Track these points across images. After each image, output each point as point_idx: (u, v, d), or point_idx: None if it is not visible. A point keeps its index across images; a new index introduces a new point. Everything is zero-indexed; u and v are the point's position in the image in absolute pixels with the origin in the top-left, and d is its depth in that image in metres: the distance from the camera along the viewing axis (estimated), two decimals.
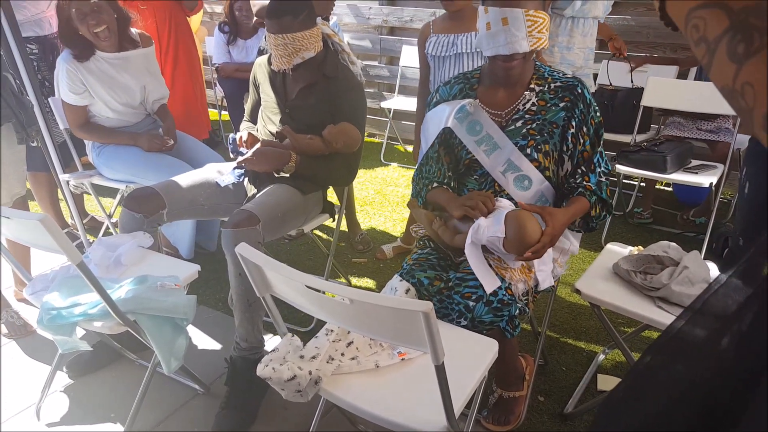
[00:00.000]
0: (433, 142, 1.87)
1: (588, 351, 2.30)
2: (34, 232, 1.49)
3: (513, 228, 1.57)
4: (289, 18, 2.05)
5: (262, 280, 1.35)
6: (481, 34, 1.69)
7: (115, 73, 2.59)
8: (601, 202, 1.78)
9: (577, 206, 1.74)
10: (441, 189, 1.86)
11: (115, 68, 2.59)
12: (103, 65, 2.57)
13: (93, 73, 2.54)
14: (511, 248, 1.58)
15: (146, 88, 2.71)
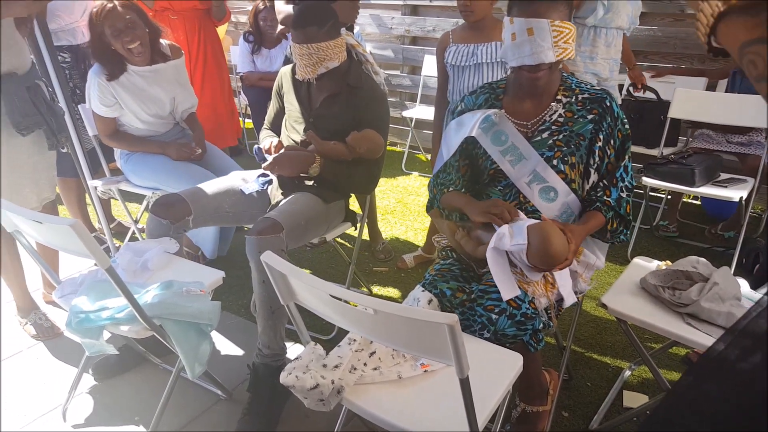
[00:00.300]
0: (455, 151, 1.86)
1: (613, 366, 2.27)
2: (64, 237, 1.51)
3: (537, 239, 1.56)
4: (315, 28, 2.07)
5: (287, 288, 1.35)
6: (507, 44, 1.68)
7: (146, 85, 2.63)
8: (619, 217, 1.77)
9: (593, 222, 1.73)
10: (458, 192, 1.87)
11: (146, 81, 2.63)
12: (135, 78, 2.61)
13: (124, 86, 2.59)
14: (534, 259, 1.57)
15: (176, 99, 2.75)
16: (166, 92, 2.68)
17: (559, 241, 1.56)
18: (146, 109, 2.66)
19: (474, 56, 2.46)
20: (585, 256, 1.75)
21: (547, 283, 1.64)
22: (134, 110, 2.64)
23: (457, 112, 1.91)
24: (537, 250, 1.55)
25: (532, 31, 1.60)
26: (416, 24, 4.68)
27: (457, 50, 2.50)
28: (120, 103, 2.61)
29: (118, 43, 2.46)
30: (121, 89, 2.58)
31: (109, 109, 2.60)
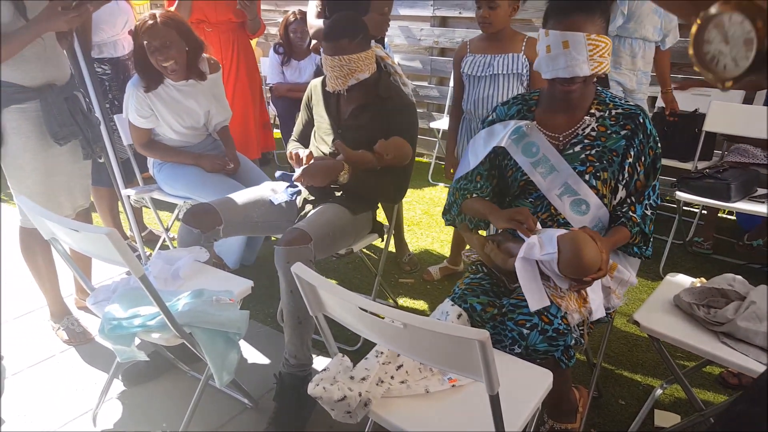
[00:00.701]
0: (483, 160, 1.85)
1: (644, 385, 2.22)
2: (99, 245, 1.54)
3: (569, 248, 1.53)
4: (346, 40, 2.10)
5: (316, 300, 1.35)
6: (541, 56, 1.68)
7: (181, 98, 2.67)
8: (642, 233, 1.74)
9: (619, 236, 1.71)
10: (481, 199, 1.87)
11: (182, 94, 2.67)
12: (171, 91, 2.65)
13: (160, 98, 2.63)
14: (566, 269, 1.55)
15: (210, 112, 2.79)
16: (201, 106, 2.72)
17: (591, 250, 1.53)
18: (181, 121, 2.70)
19: (490, 67, 2.47)
20: (618, 272, 1.73)
21: (580, 298, 1.61)
22: (169, 122, 2.68)
23: (488, 122, 1.91)
24: (569, 260, 1.53)
25: (568, 44, 1.60)
26: (445, 35, 4.69)
27: (474, 60, 2.52)
28: (156, 115, 2.65)
29: (153, 59, 2.51)
30: (158, 101, 2.63)
31: (146, 120, 2.66)
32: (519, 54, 2.44)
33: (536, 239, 1.59)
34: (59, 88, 2.18)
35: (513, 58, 2.44)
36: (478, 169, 1.89)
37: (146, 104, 2.62)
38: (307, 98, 2.44)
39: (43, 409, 2.10)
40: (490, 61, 2.47)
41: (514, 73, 2.45)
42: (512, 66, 2.44)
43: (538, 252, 1.57)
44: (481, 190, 1.90)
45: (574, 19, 1.60)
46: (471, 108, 2.59)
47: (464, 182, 1.92)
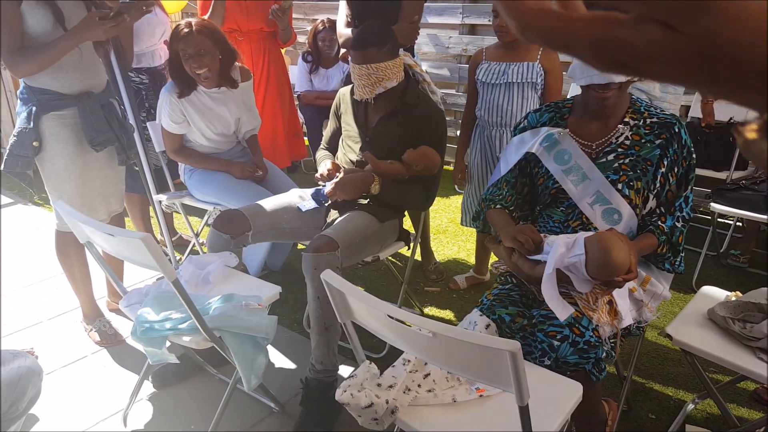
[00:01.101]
0: (513, 167, 1.84)
1: (675, 399, 2.17)
2: (134, 249, 1.58)
3: (597, 249, 1.51)
4: (374, 49, 2.11)
5: (344, 307, 1.36)
6: (575, 63, 1.68)
7: (213, 105, 2.71)
8: (670, 244, 1.71)
9: (646, 242, 1.68)
10: (501, 211, 1.86)
11: (214, 101, 2.71)
12: (203, 98, 2.70)
13: (193, 104, 2.68)
14: (594, 270, 1.51)
15: (240, 120, 2.83)
16: (231, 113, 2.76)
17: (620, 250, 1.50)
18: (212, 127, 2.75)
19: (505, 75, 2.48)
20: (652, 285, 1.70)
21: (612, 311, 1.59)
22: (201, 128, 2.73)
23: (519, 129, 1.90)
24: (597, 261, 1.50)
25: None
26: (474, 43, 4.68)
27: (489, 68, 2.52)
28: (188, 121, 2.70)
29: (187, 66, 2.56)
30: (190, 107, 2.67)
31: (178, 126, 2.71)
32: (534, 63, 2.45)
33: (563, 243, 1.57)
34: (96, 96, 2.24)
35: (528, 67, 2.45)
36: (506, 176, 1.88)
37: (179, 110, 2.67)
38: (335, 106, 2.46)
39: (74, 409, 2.14)
40: (504, 69, 2.48)
41: (528, 82, 2.46)
42: (527, 75, 2.45)
43: (566, 256, 1.55)
44: (506, 199, 1.89)
45: None
46: (485, 115, 2.59)
47: (492, 189, 1.92)
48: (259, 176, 2.79)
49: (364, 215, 2.18)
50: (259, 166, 2.81)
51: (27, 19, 2.02)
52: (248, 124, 2.86)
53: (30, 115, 2.13)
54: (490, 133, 2.60)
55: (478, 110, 2.63)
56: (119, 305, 1.97)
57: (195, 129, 2.73)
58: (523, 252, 1.63)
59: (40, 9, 2.02)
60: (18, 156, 2.14)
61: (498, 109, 2.53)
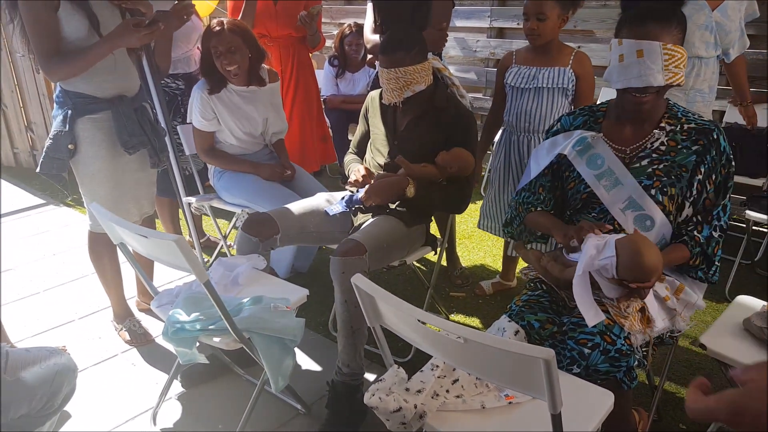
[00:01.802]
0: (546, 171, 1.83)
1: None
2: (166, 251, 1.60)
3: (628, 251, 1.50)
4: (402, 53, 2.12)
5: (374, 310, 1.36)
6: (612, 66, 1.64)
7: (242, 103, 2.78)
8: (704, 255, 1.67)
9: (676, 254, 1.66)
10: (546, 213, 1.85)
11: (243, 100, 2.78)
12: (233, 96, 2.76)
13: (223, 102, 2.75)
14: (625, 272, 1.51)
15: (268, 121, 2.88)
16: (259, 113, 2.82)
17: (652, 253, 1.50)
18: (241, 126, 2.80)
19: (535, 79, 2.43)
20: (685, 294, 1.66)
21: (644, 319, 1.57)
22: (230, 126, 2.78)
23: (551, 132, 1.88)
24: (628, 263, 1.49)
25: (642, 53, 1.56)
26: (502, 46, 4.65)
27: (519, 72, 2.48)
28: (218, 118, 2.76)
29: (218, 62, 2.65)
30: (220, 104, 2.74)
31: (208, 123, 2.76)
32: (566, 68, 2.39)
33: (593, 246, 1.55)
34: (129, 100, 2.28)
35: (559, 72, 2.40)
36: (541, 180, 1.87)
37: (209, 107, 2.73)
38: (365, 109, 2.47)
39: (105, 406, 2.18)
40: (535, 74, 2.44)
41: (559, 88, 2.40)
42: (558, 80, 2.40)
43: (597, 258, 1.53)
44: (545, 203, 1.88)
45: (650, 28, 1.57)
46: (513, 120, 2.55)
47: (526, 194, 1.90)
48: (288, 176, 2.83)
49: (391, 220, 2.18)
50: (286, 167, 2.84)
51: (63, 25, 2.07)
52: (275, 125, 2.91)
53: (65, 119, 2.17)
54: (517, 138, 2.56)
55: (506, 115, 2.59)
56: (150, 306, 1.99)
57: (224, 127, 2.78)
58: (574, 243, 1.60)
59: (76, 15, 2.07)
60: (53, 158, 2.19)
61: (526, 114, 2.48)
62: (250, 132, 2.84)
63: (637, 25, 1.58)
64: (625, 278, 1.51)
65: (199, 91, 2.75)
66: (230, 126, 2.78)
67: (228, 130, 2.80)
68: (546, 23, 2.32)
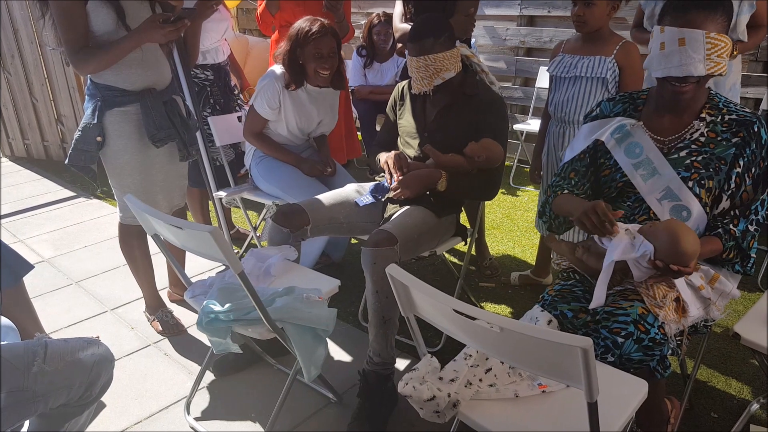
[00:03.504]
0: (581, 156, 1.81)
1: (739, 399, 2.11)
2: (202, 242, 1.63)
3: (667, 236, 1.50)
4: (431, 40, 2.11)
5: (408, 300, 1.38)
6: (653, 54, 1.61)
7: (308, 102, 2.79)
8: (738, 248, 1.65)
9: (709, 247, 1.63)
10: (567, 195, 1.81)
11: (310, 99, 2.79)
12: (303, 95, 2.77)
13: (292, 97, 2.75)
14: (664, 257, 1.51)
15: (322, 122, 2.90)
16: (318, 113, 2.85)
17: (690, 237, 1.50)
18: (298, 122, 2.82)
19: (575, 68, 2.35)
20: (720, 283, 1.65)
21: (679, 308, 1.56)
22: (288, 120, 2.80)
23: (590, 117, 1.86)
24: (668, 248, 1.50)
25: (684, 42, 1.53)
26: (532, 35, 4.58)
27: (562, 61, 2.41)
28: (281, 109, 2.76)
29: (313, 64, 2.61)
30: (289, 98, 2.74)
31: (272, 111, 2.76)
32: (608, 57, 2.29)
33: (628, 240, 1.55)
34: (158, 93, 2.29)
35: (600, 61, 2.30)
36: (574, 165, 1.84)
37: (278, 98, 2.72)
38: (393, 101, 2.47)
39: (139, 395, 2.23)
40: (576, 63, 2.36)
41: (598, 77, 2.31)
42: (597, 69, 2.30)
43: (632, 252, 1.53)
44: (576, 187, 1.84)
45: (694, 16, 1.53)
46: (552, 110, 2.49)
47: (556, 179, 1.88)
48: (330, 172, 2.84)
49: (422, 210, 2.19)
50: (327, 164, 2.86)
51: (91, 18, 2.09)
52: (326, 126, 2.94)
53: (95, 111, 2.20)
54: (557, 129, 2.50)
55: (549, 106, 2.53)
56: (184, 296, 2.03)
57: (282, 118, 2.79)
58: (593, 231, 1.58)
59: (104, 8, 2.08)
60: (82, 150, 2.21)
61: (564, 104, 2.42)
62: (303, 128, 2.87)
63: (680, 13, 1.55)
64: (665, 260, 1.52)
65: (273, 80, 2.71)
66: (289, 120, 2.79)
67: (285, 122, 2.80)
68: (593, 10, 2.23)
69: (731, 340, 1.68)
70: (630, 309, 1.53)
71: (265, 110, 2.75)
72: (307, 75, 2.68)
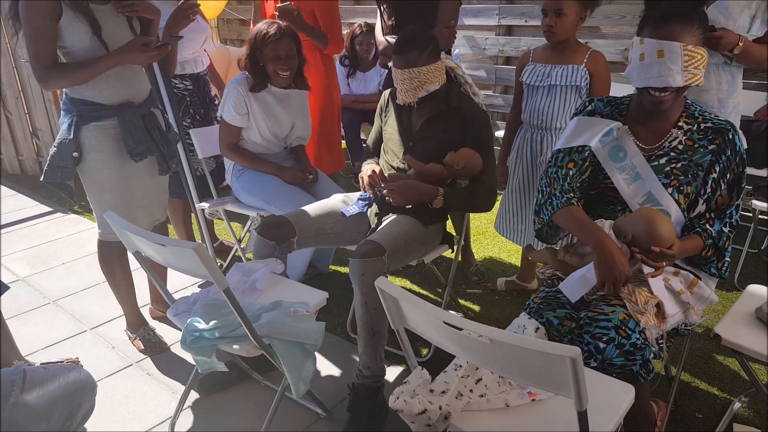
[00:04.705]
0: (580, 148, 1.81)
1: (722, 398, 2.15)
2: (185, 259, 1.61)
3: (642, 221, 1.59)
4: (415, 53, 2.13)
5: (398, 313, 1.38)
6: (633, 64, 1.66)
7: (275, 104, 2.82)
8: (715, 248, 1.71)
9: (691, 243, 1.68)
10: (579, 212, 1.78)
11: (277, 101, 2.82)
12: (268, 96, 2.80)
13: (258, 100, 2.78)
14: (642, 244, 1.60)
15: (294, 125, 2.91)
16: (288, 116, 2.87)
17: (665, 221, 1.59)
18: (269, 126, 2.83)
19: (549, 77, 2.42)
20: (699, 287, 1.68)
21: (660, 314, 1.58)
22: (259, 125, 2.81)
23: (587, 111, 1.88)
24: (645, 233, 1.59)
25: (663, 54, 1.58)
26: (510, 44, 4.65)
27: (534, 69, 2.48)
28: (250, 114, 2.78)
29: (272, 66, 2.68)
30: (255, 102, 2.77)
31: (240, 117, 2.77)
32: (580, 66, 2.37)
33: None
34: (136, 106, 2.26)
35: (572, 70, 2.38)
36: (573, 156, 1.83)
37: (244, 102, 2.75)
38: (381, 107, 2.48)
39: (120, 418, 2.17)
40: (549, 72, 2.43)
41: (572, 85, 2.39)
42: (571, 78, 2.38)
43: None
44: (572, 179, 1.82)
45: (672, 28, 1.58)
46: (527, 118, 2.55)
47: (554, 169, 1.86)
48: (311, 179, 2.85)
49: (409, 219, 2.19)
50: (308, 171, 2.87)
51: (65, 33, 2.06)
52: (300, 130, 2.95)
53: (71, 126, 2.16)
54: (531, 136, 2.56)
55: (523, 113, 2.58)
56: (167, 314, 2.00)
57: (253, 124, 2.80)
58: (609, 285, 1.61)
59: (78, 23, 2.06)
60: (58, 167, 2.17)
61: (539, 111, 2.48)
62: (276, 133, 2.87)
63: (659, 25, 1.60)
64: (640, 246, 1.60)
65: (237, 85, 2.75)
66: (260, 124, 2.80)
67: (256, 128, 2.81)
68: (564, 20, 2.30)
69: (712, 340, 1.71)
70: (612, 314, 1.56)
71: (234, 117, 2.77)
72: (269, 77, 2.73)
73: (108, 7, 2.13)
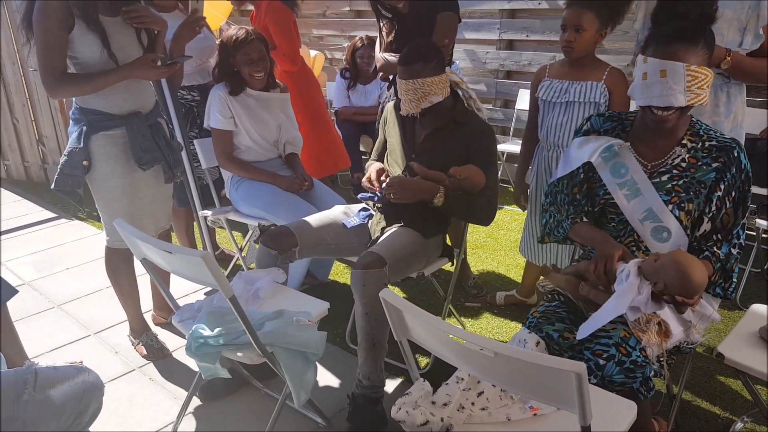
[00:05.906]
0: (576, 171, 1.83)
1: (723, 417, 2.14)
2: (192, 267, 1.62)
3: (675, 271, 1.50)
4: (420, 64, 2.15)
5: (401, 325, 1.39)
6: (636, 83, 1.66)
7: (257, 107, 2.89)
8: (723, 271, 1.69)
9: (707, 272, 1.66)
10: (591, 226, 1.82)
11: (258, 103, 2.89)
12: (249, 100, 2.88)
13: (240, 103, 2.85)
14: (673, 291, 1.52)
15: (281, 128, 2.96)
16: (273, 118, 2.93)
17: (698, 269, 1.51)
18: (256, 128, 2.89)
19: (566, 93, 2.38)
20: (701, 306, 1.68)
21: (661, 332, 1.59)
22: (246, 127, 2.87)
23: (583, 131, 1.89)
24: (677, 281, 1.50)
25: (666, 74, 1.58)
26: (511, 58, 4.69)
27: (551, 85, 2.44)
28: (235, 117, 2.85)
29: (246, 69, 2.79)
30: (238, 105, 2.84)
31: (226, 120, 2.84)
32: (599, 83, 2.33)
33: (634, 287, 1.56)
34: (144, 116, 2.30)
35: (591, 87, 2.33)
36: (576, 180, 1.85)
37: (227, 106, 2.83)
38: (383, 119, 2.50)
39: (123, 423, 2.19)
40: (567, 88, 2.38)
41: (590, 102, 2.34)
42: (590, 94, 2.33)
43: (639, 294, 1.55)
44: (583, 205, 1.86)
45: (676, 49, 1.58)
46: (543, 135, 2.51)
47: (561, 196, 1.88)
48: (307, 186, 2.89)
49: (409, 232, 2.20)
50: (305, 178, 2.91)
51: (77, 45, 2.10)
52: (288, 134, 3.00)
53: (80, 135, 2.20)
54: (548, 154, 2.52)
55: (539, 129, 2.54)
56: (172, 320, 2.01)
57: (241, 127, 2.86)
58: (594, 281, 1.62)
59: (89, 36, 2.10)
60: (68, 175, 2.21)
61: (557, 128, 2.44)
62: (265, 137, 2.92)
63: (663, 45, 1.59)
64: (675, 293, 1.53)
65: (218, 91, 2.84)
66: (247, 127, 2.86)
67: (245, 131, 2.86)
68: (583, 36, 2.26)
69: (714, 359, 1.71)
70: (612, 332, 1.57)
71: (221, 121, 2.83)
72: (245, 80, 2.82)
73: (117, 19, 2.18)
